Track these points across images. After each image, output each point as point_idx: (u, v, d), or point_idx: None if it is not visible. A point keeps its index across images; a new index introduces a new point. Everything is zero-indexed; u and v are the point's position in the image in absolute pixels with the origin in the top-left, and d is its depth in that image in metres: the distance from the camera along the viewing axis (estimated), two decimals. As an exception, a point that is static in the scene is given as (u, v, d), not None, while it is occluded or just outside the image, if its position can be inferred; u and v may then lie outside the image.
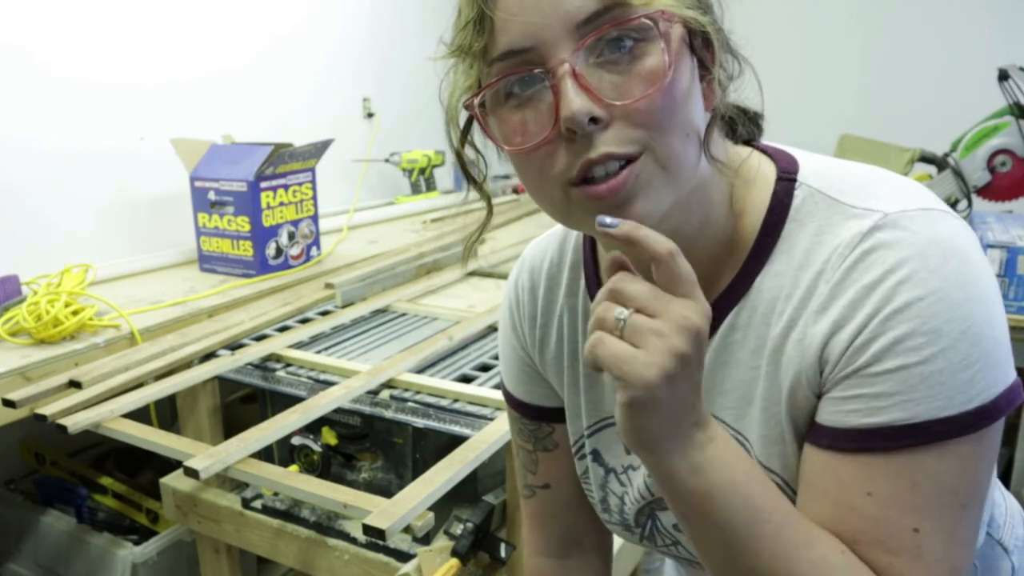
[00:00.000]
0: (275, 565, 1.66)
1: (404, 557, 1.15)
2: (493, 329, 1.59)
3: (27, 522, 1.70)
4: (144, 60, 2.07)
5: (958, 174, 2.22)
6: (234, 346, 1.50)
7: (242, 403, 1.88)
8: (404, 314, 1.72)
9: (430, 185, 3.03)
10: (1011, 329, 1.72)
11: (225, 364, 1.40)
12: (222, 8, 2.29)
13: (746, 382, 0.57)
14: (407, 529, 0.95)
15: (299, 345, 1.50)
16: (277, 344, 1.47)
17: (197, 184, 1.92)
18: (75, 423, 1.18)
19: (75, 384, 1.31)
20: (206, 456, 1.08)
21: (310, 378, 1.35)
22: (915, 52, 3.11)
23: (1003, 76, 2.17)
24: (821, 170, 0.57)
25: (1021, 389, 0.51)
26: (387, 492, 1.06)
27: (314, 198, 2.03)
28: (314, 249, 2.06)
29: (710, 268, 0.57)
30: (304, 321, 1.66)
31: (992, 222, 2.01)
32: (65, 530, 1.65)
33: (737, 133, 0.59)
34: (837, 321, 0.51)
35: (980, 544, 0.63)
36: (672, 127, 0.49)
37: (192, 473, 1.05)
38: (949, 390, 0.48)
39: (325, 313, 1.70)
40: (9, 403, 1.25)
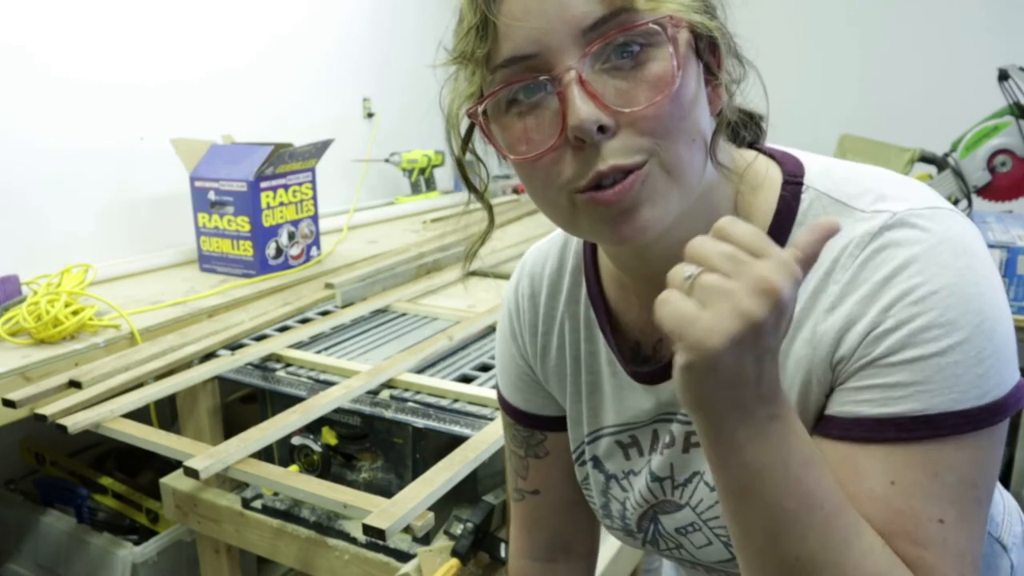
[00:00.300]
0: (275, 565, 1.66)
1: (404, 557, 1.15)
2: (493, 329, 1.58)
3: (27, 522, 1.70)
4: (144, 60, 2.07)
5: (958, 174, 2.22)
6: (234, 346, 1.50)
7: (242, 403, 1.88)
8: (404, 314, 1.72)
9: (430, 185, 3.03)
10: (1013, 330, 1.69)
11: (225, 364, 1.40)
12: (222, 8, 2.29)
13: None
14: (407, 529, 0.95)
15: (299, 345, 1.50)
16: (277, 344, 1.47)
17: (197, 184, 1.92)
18: (75, 423, 1.18)
19: (75, 384, 1.31)
20: (206, 456, 1.08)
21: (310, 378, 1.35)
22: (915, 52, 3.11)
23: (1003, 76, 2.17)
24: (826, 173, 0.56)
25: None
26: (387, 492, 1.06)
27: (314, 198, 2.03)
28: (314, 249, 2.06)
29: None
30: (304, 321, 1.66)
31: (992, 222, 2.01)
32: (65, 530, 1.65)
33: (740, 136, 0.59)
34: (850, 316, 0.50)
35: None
36: (679, 134, 0.49)
37: (192, 473, 1.05)
38: (964, 383, 0.47)
39: (325, 313, 1.70)
40: (9, 403, 1.25)
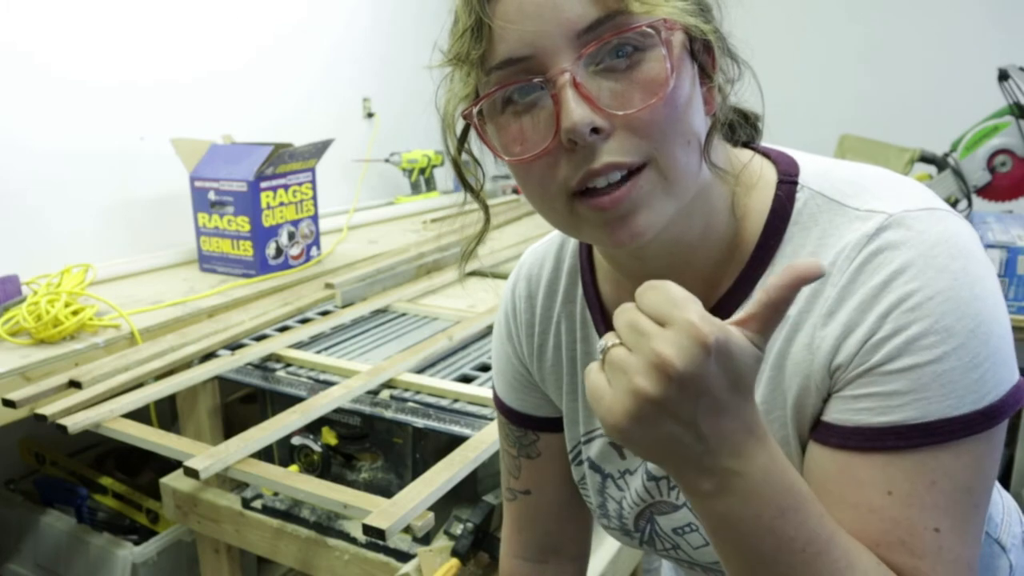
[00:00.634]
0: (275, 565, 1.66)
1: (404, 557, 1.15)
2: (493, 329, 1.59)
3: (27, 522, 1.70)
4: (144, 60, 2.07)
5: (958, 174, 2.22)
6: (234, 346, 1.50)
7: (242, 403, 1.88)
8: (404, 314, 1.72)
9: (430, 185, 3.03)
10: (1012, 329, 1.71)
11: (225, 364, 1.40)
12: (222, 8, 2.29)
13: None
14: (407, 529, 0.95)
15: (299, 345, 1.50)
16: (277, 344, 1.47)
17: (197, 184, 1.92)
18: (75, 423, 1.18)
19: (75, 384, 1.31)
20: (206, 456, 1.08)
21: (310, 378, 1.35)
22: (915, 52, 3.11)
23: (1003, 76, 2.17)
24: (822, 172, 0.56)
25: None
26: (387, 492, 1.06)
27: (314, 198, 2.03)
28: (314, 249, 2.06)
29: (711, 273, 0.57)
30: (304, 321, 1.66)
31: (992, 222, 2.01)
32: (65, 530, 1.65)
33: (736, 136, 0.59)
34: (847, 324, 0.50)
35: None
36: (674, 136, 0.49)
37: (192, 473, 1.05)
38: (960, 389, 0.47)
39: (325, 313, 1.70)
40: (9, 403, 1.25)
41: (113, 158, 2.02)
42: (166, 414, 1.74)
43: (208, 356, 1.47)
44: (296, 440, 1.24)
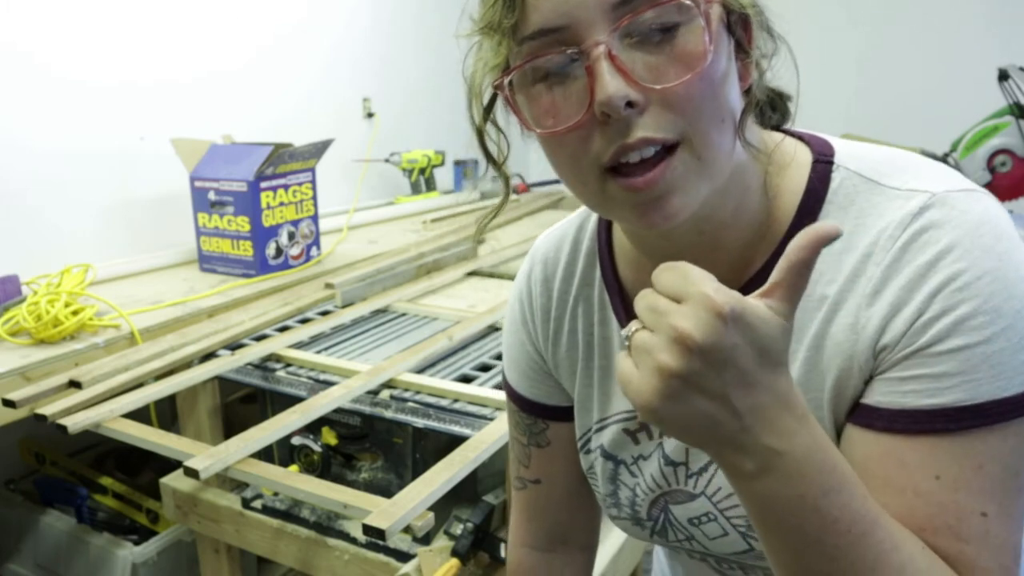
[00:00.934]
0: (275, 565, 1.66)
1: (404, 557, 1.15)
2: (493, 329, 1.59)
3: (27, 522, 1.70)
4: (144, 60, 2.07)
5: (958, 174, 2.22)
6: (234, 346, 1.50)
7: (242, 403, 1.88)
8: (404, 314, 1.72)
9: (430, 185, 3.03)
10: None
11: (225, 364, 1.40)
12: (222, 8, 2.29)
13: None
14: (407, 529, 0.95)
15: (299, 345, 1.50)
16: (277, 344, 1.47)
17: (197, 184, 1.92)
18: (75, 423, 1.18)
19: (75, 384, 1.31)
20: (206, 456, 1.08)
21: (310, 378, 1.35)
22: (915, 52, 3.11)
23: (1003, 76, 2.17)
24: (857, 153, 0.56)
25: None
26: (387, 492, 1.06)
27: (314, 198, 2.03)
28: (314, 249, 2.06)
29: (742, 253, 0.56)
30: (304, 321, 1.66)
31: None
32: (65, 530, 1.65)
33: (767, 117, 0.58)
34: (894, 304, 0.49)
35: None
36: (710, 112, 0.48)
37: (192, 473, 1.05)
38: (1009, 370, 0.47)
39: (325, 313, 1.70)
40: (9, 403, 1.25)
41: (113, 158, 2.02)
42: (166, 414, 1.73)
43: (208, 356, 1.47)
44: (296, 440, 1.24)
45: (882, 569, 0.45)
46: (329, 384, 1.30)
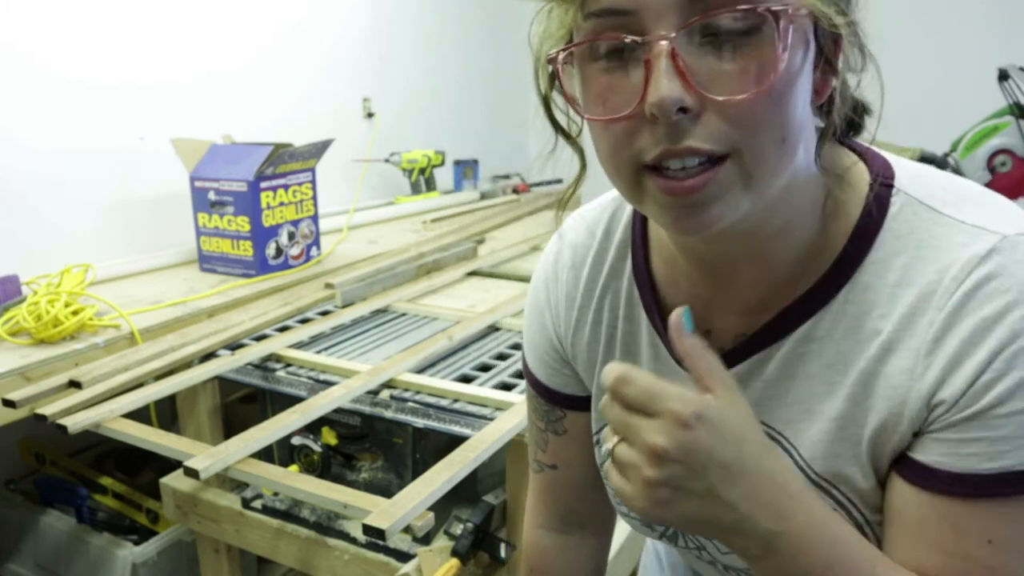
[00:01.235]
0: (275, 565, 1.66)
1: (404, 557, 1.15)
2: (493, 329, 1.59)
3: (27, 522, 1.70)
4: (144, 60, 2.07)
5: (958, 174, 2.22)
6: (234, 346, 1.50)
7: (242, 403, 1.88)
8: (404, 314, 1.72)
9: (430, 185, 3.03)
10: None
11: (225, 364, 1.40)
12: (222, 8, 2.29)
13: (816, 396, 0.53)
14: (407, 529, 0.95)
15: (299, 345, 1.50)
16: (277, 344, 1.47)
17: (197, 184, 1.92)
18: (75, 423, 1.18)
19: (75, 384, 1.31)
20: (206, 456, 1.08)
21: (310, 378, 1.35)
22: (915, 52, 3.11)
23: (1003, 76, 2.17)
24: (918, 177, 0.53)
25: None
26: (387, 492, 1.06)
27: (314, 198, 2.03)
28: (314, 249, 2.06)
29: (789, 270, 0.54)
30: (304, 321, 1.66)
31: (992, 222, 2.01)
32: (65, 530, 1.65)
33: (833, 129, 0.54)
34: (955, 356, 0.47)
35: None
36: (768, 130, 0.45)
37: (192, 473, 1.05)
38: None
39: (325, 313, 1.70)
40: (9, 403, 1.25)
41: (113, 158, 2.02)
42: (166, 414, 1.73)
43: (208, 356, 1.47)
44: (296, 440, 1.24)
45: None
46: (329, 384, 1.30)
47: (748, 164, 0.45)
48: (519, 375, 1.36)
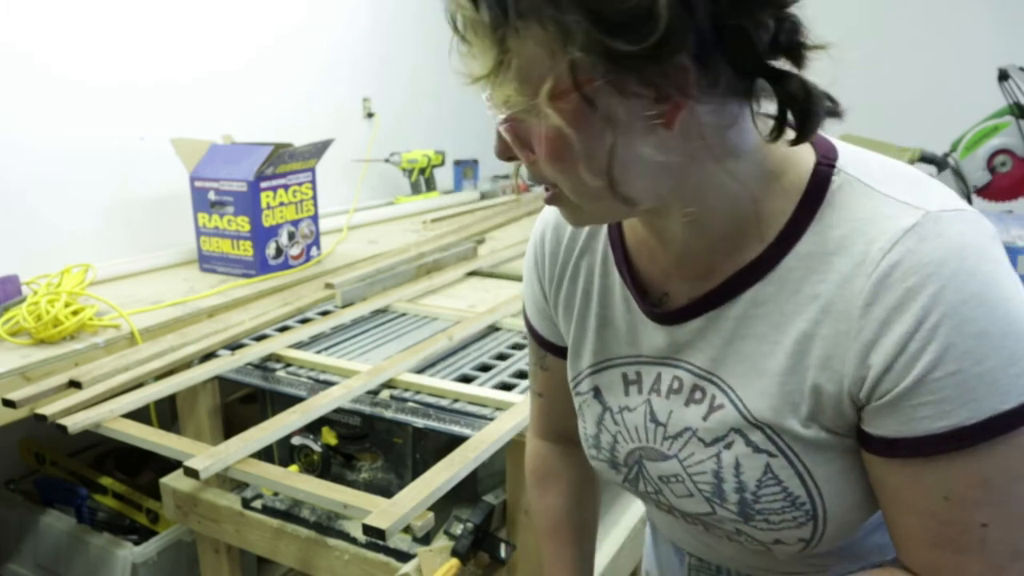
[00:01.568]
0: (275, 565, 1.66)
1: (404, 557, 1.15)
2: (493, 329, 1.59)
3: (27, 522, 1.71)
4: (144, 60, 2.07)
5: (958, 174, 2.22)
6: (234, 346, 1.50)
7: (242, 403, 1.88)
8: (404, 314, 1.72)
9: (430, 185, 3.03)
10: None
11: (225, 364, 1.40)
12: (222, 8, 2.29)
13: (763, 354, 0.59)
14: (407, 529, 0.95)
15: (299, 345, 1.50)
16: (277, 344, 1.47)
17: (197, 184, 1.92)
18: (75, 423, 1.18)
19: (75, 384, 1.31)
20: (206, 456, 1.08)
21: (310, 378, 1.35)
22: (915, 52, 3.11)
23: (1003, 76, 2.17)
24: (859, 159, 0.59)
25: None
26: (387, 492, 1.06)
27: (314, 198, 2.03)
28: (314, 249, 2.07)
29: (732, 243, 0.60)
30: (304, 321, 1.66)
31: (992, 222, 2.01)
32: (65, 530, 1.65)
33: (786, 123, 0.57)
34: (884, 322, 0.52)
35: None
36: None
37: (192, 473, 1.05)
38: (1005, 385, 0.50)
39: (325, 313, 1.70)
40: (9, 403, 1.25)
41: (113, 158, 2.02)
42: (166, 414, 1.74)
43: (208, 356, 1.47)
44: (296, 440, 1.24)
45: None
46: (329, 384, 1.30)
47: (567, 194, 0.56)
48: (519, 375, 1.36)
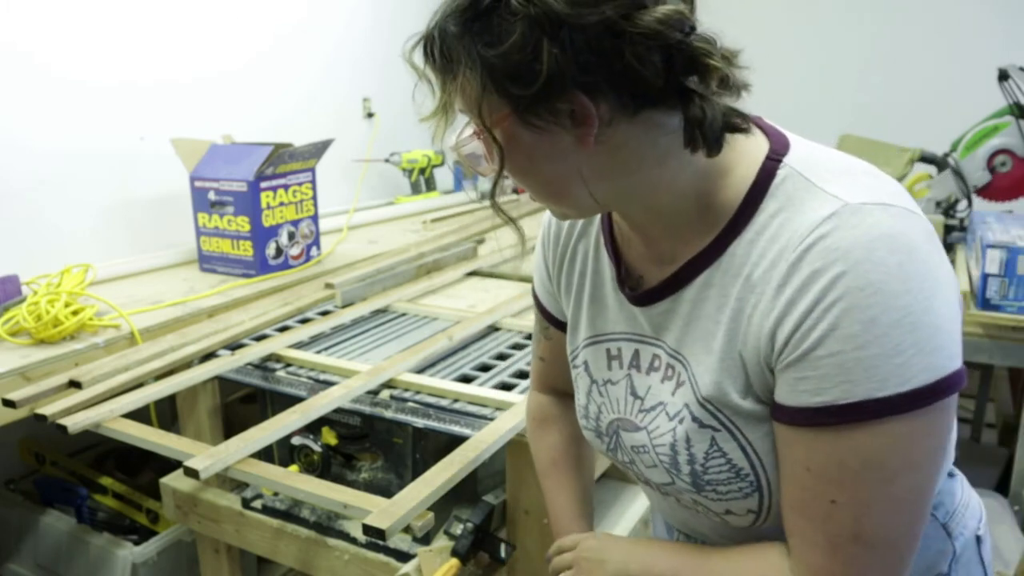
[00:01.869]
0: (275, 565, 1.66)
1: (404, 557, 1.15)
2: (493, 329, 1.59)
3: (27, 522, 1.71)
4: (144, 60, 2.07)
5: (958, 174, 2.22)
6: (234, 346, 1.50)
7: (242, 403, 1.88)
8: (404, 314, 1.72)
9: (430, 185, 3.03)
10: (1011, 329, 1.73)
11: (225, 364, 1.40)
12: (222, 8, 2.29)
13: (710, 333, 0.64)
14: (407, 529, 0.95)
15: (299, 345, 1.50)
16: (277, 344, 1.47)
17: (197, 184, 1.92)
18: (75, 423, 1.18)
19: (75, 384, 1.31)
20: (206, 456, 1.08)
21: (310, 378, 1.35)
22: (915, 52, 3.11)
23: (1003, 76, 2.17)
24: (808, 155, 0.62)
25: (964, 377, 0.56)
26: (387, 492, 1.06)
27: (314, 198, 2.03)
28: (314, 249, 2.07)
29: (684, 233, 0.65)
30: (304, 321, 1.66)
31: (992, 222, 2.01)
32: (65, 530, 1.65)
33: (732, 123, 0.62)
34: (789, 301, 0.57)
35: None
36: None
37: (192, 473, 1.05)
38: (883, 373, 0.53)
39: (325, 313, 1.70)
40: (9, 403, 1.25)
41: (113, 158, 2.02)
42: (166, 414, 1.74)
43: (208, 356, 1.47)
44: (296, 440, 1.24)
45: None
46: (329, 384, 1.30)
47: (532, 198, 0.67)
48: (519, 375, 1.36)
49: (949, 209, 2.29)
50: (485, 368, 1.39)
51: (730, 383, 0.62)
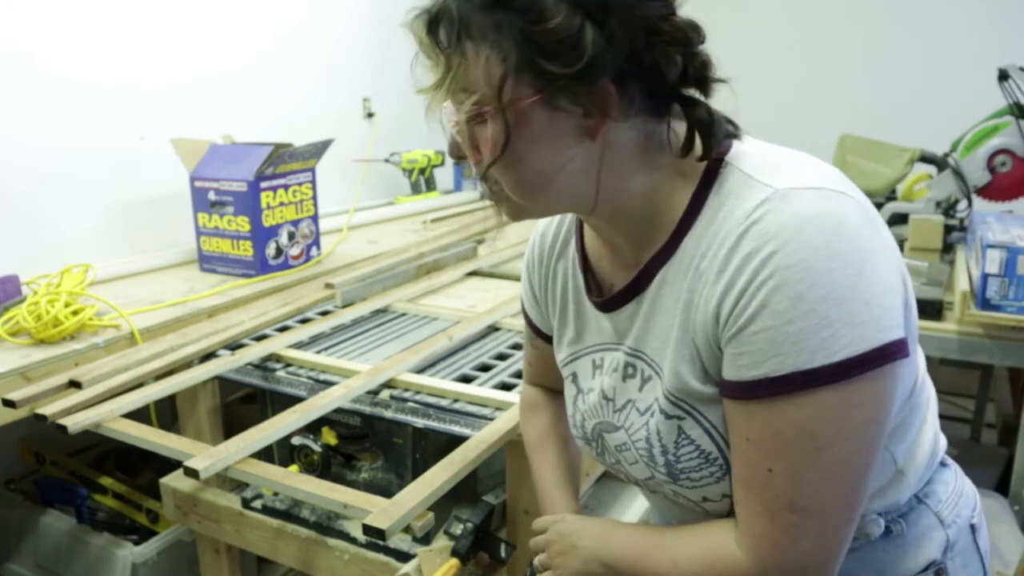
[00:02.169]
0: (275, 565, 1.66)
1: (404, 557, 1.15)
2: (493, 329, 1.59)
3: (27, 522, 1.71)
4: (144, 60, 2.07)
5: (958, 174, 2.22)
6: (234, 346, 1.50)
7: (242, 403, 1.88)
8: (404, 314, 1.72)
9: (430, 185, 3.03)
10: (1011, 329, 1.73)
11: (225, 364, 1.40)
12: (222, 8, 2.29)
13: (668, 326, 0.68)
14: (407, 529, 0.95)
15: (299, 345, 1.50)
16: (277, 344, 1.47)
17: (197, 184, 1.92)
18: (75, 423, 1.18)
19: (75, 384, 1.31)
20: (206, 456, 1.08)
21: (310, 378, 1.35)
22: (915, 52, 3.11)
23: (1003, 76, 2.17)
24: (749, 153, 0.65)
25: (901, 348, 0.58)
26: (387, 492, 1.06)
27: (314, 198, 2.03)
28: (314, 249, 2.07)
29: (643, 236, 0.69)
30: (304, 321, 1.66)
31: (992, 222, 2.01)
32: (65, 530, 1.65)
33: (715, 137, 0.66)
34: (727, 284, 0.60)
35: (904, 511, 0.75)
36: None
37: (192, 473, 1.05)
38: (811, 346, 0.56)
39: (325, 313, 1.70)
40: (9, 403, 1.25)
41: (113, 158, 2.02)
42: (166, 414, 1.73)
43: (208, 356, 1.47)
44: (296, 440, 1.24)
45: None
46: (329, 384, 1.30)
47: (508, 192, 0.66)
48: (519, 375, 1.36)
49: (949, 209, 2.29)
50: (485, 368, 1.39)
51: (688, 370, 0.65)
